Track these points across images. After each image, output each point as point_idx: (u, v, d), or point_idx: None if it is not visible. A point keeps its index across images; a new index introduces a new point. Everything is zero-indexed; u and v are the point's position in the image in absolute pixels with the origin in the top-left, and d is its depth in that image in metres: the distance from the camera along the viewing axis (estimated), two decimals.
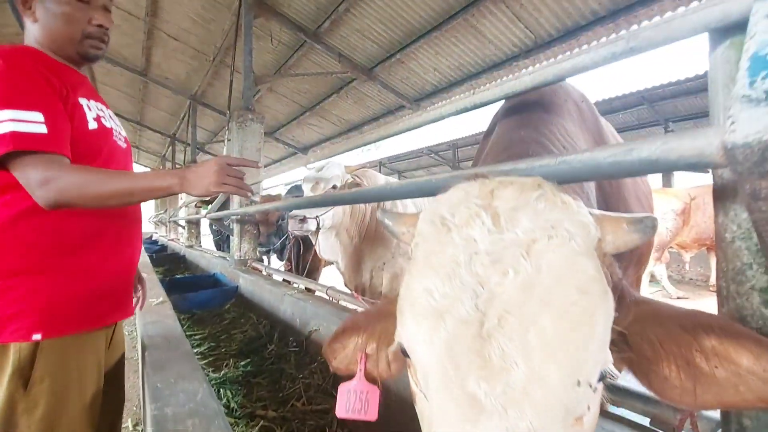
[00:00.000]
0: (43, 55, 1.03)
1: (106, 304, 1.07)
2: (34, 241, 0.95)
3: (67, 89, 1.00)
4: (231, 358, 2.34)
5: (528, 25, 3.87)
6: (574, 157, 0.66)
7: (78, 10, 1.04)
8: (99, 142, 1.06)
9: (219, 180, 0.98)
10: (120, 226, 1.12)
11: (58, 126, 0.93)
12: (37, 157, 0.88)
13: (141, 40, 6.20)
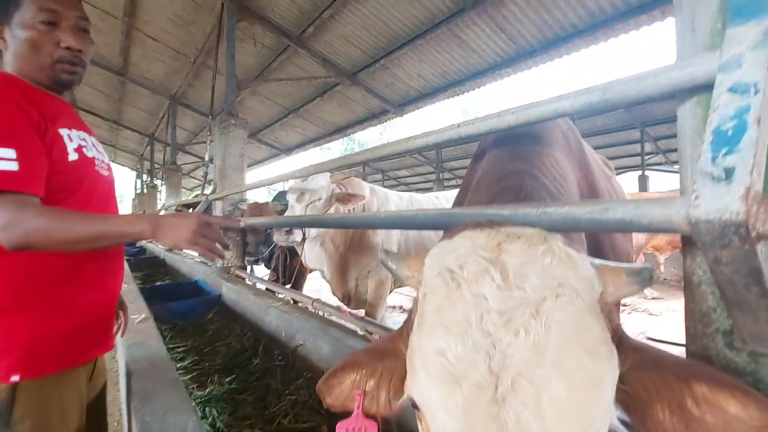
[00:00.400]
0: (19, 82, 1.00)
1: (87, 340, 1.05)
2: (11, 279, 0.92)
3: (45, 120, 0.96)
4: (216, 374, 2.32)
5: (510, 36, 3.94)
6: (554, 210, 0.70)
7: (44, 34, 0.99)
8: (80, 174, 1.03)
9: (192, 238, 0.94)
10: (102, 258, 1.08)
11: (31, 162, 0.89)
12: (3, 197, 0.84)
13: (119, 40, 6.04)
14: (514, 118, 1.03)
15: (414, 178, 17.35)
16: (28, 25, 0.98)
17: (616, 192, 1.49)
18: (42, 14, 0.98)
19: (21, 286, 0.93)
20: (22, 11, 0.98)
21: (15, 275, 0.93)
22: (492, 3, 3.56)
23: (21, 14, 0.98)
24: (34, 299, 0.95)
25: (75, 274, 1.02)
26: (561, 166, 1.17)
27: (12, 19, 0.98)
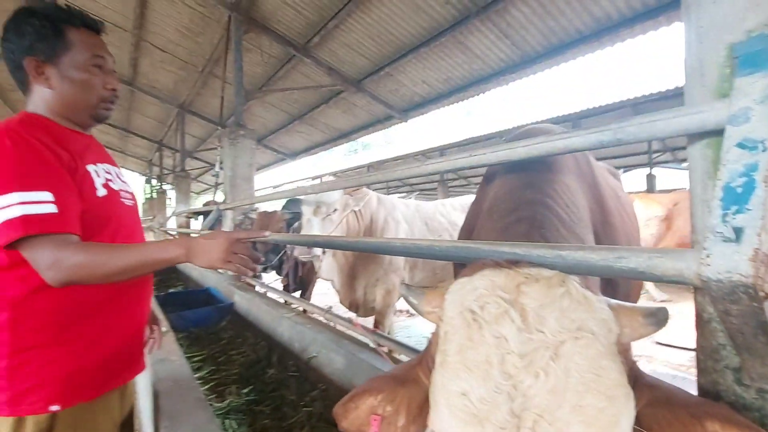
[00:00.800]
0: (50, 123, 1.03)
1: (120, 365, 1.09)
2: (50, 315, 0.96)
3: (74, 158, 1.00)
4: (233, 384, 2.38)
5: (514, 42, 3.96)
6: (569, 254, 0.73)
7: (95, 76, 1.04)
8: (108, 208, 1.07)
9: (225, 258, 0.96)
10: (133, 285, 1.11)
11: (67, 203, 0.92)
12: (46, 239, 0.87)
13: (128, 51, 6.14)
14: (526, 151, 1.06)
15: (417, 179, 17.39)
16: (82, 68, 1.02)
17: (625, 210, 1.52)
18: (95, 59, 1.03)
19: (60, 320, 0.97)
20: (73, 54, 1.01)
21: (55, 310, 0.96)
22: (496, 11, 3.58)
23: (72, 56, 1.01)
24: (72, 331, 0.98)
25: (108, 304, 1.05)
26: (572, 193, 1.20)
27: (60, 60, 1.01)
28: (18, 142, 0.91)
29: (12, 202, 0.85)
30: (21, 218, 0.85)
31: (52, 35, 1.00)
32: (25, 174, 0.88)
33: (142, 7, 4.96)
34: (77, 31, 1.03)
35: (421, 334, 4.92)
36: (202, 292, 4.66)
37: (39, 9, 1.02)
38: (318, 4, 4.14)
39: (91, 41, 1.05)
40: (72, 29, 1.02)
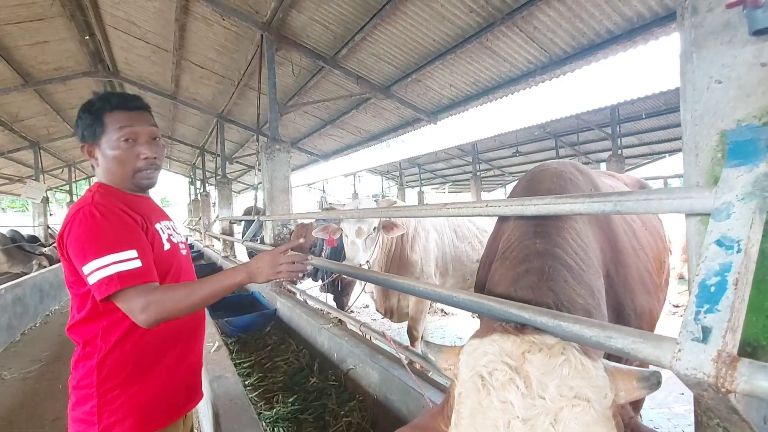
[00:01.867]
0: (118, 191, 1.21)
1: (185, 396, 1.27)
2: (127, 359, 1.13)
3: (145, 220, 1.18)
4: (279, 392, 2.60)
5: (542, 44, 3.91)
6: (567, 325, 0.83)
7: (126, 151, 1.17)
8: (171, 259, 1.25)
9: (275, 270, 1.15)
10: (191, 322, 1.28)
11: (146, 257, 1.10)
12: (137, 289, 1.04)
13: (170, 69, 6.54)
14: (536, 209, 1.16)
15: (451, 170, 17.25)
16: (114, 145, 1.17)
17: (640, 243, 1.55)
18: (124, 134, 1.17)
19: (135, 363, 1.15)
20: (108, 134, 1.17)
21: (131, 355, 1.14)
22: (522, 16, 3.56)
23: (108, 137, 1.17)
24: (145, 372, 1.15)
25: (171, 345, 1.22)
26: (582, 238, 1.27)
27: (101, 141, 1.18)
28: (105, 213, 1.09)
29: (108, 262, 1.03)
30: (117, 275, 1.02)
31: (93, 123, 1.17)
32: (113, 238, 1.07)
33: (182, 30, 5.27)
34: (111, 114, 1.17)
35: (455, 335, 5.03)
36: (248, 296, 4.99)
37: (87, 103, 1.21)
38: (344, 18, 4.26)
39: (123, 118, 1.18)
40: (107, 114, 1.18)
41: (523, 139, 11.58)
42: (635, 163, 12.85)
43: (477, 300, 1.13)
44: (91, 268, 1.03)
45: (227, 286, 1.12)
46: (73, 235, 1.07)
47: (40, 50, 6.00)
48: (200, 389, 1.38)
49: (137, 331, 1.12)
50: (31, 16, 5.13)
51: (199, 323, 1.36)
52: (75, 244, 1.07)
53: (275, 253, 1.17)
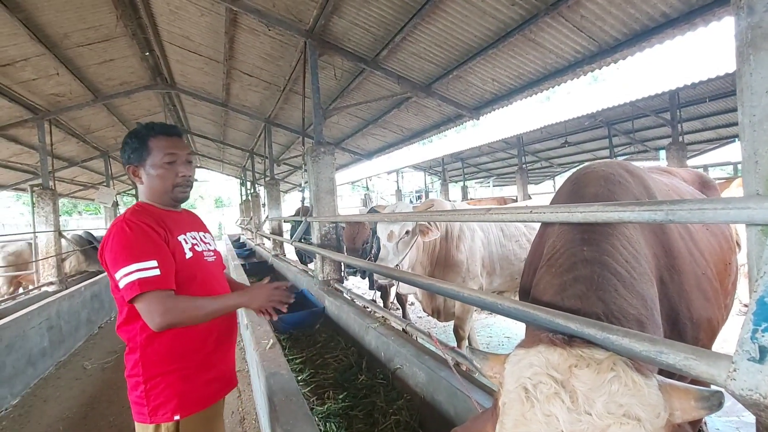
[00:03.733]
0: (152, 208, 1.42)
1: (220, 383, 1.47)
2: (165, 351, 1.33)
3: (167, 233, 1.36)
4: (330, 388, 2.72)
5: (590, 33, 3.74)
6: (616, 338, 0.83)
7: (168, 170, 1.40)
8: (194, 267, 1.42)
9: (267, 300, 1.38)
10: (223, 322, 1.48)
11: (166, 267, 1.28)
12: (155, 294, 1.22)
13: (221, 78, 6.91)
14: (582, 216, 1.14)
15: (495, 164, 16.82)
16: (158, 166, 1.39)
17: (697, 246, 1.47)
18: (166, 157, 1.39)
19: (173, 354, 1.34)
20: (153, 156, 1.39)
21: (169, 348, 1.33)
22: (568, 6, 3.42)
23: (152, 158, 1.39)
24: (183, 361, 1.35)
25: (207, 338, 1.42)
26: (633, 244, 1.22)
27: (146, 162, 1.40)
28: (132, 228, 1.29)
29: (132, 269, 1.21)
30: (138, 281, 1.21)
31: (140, 147, 1.39)
32: (138, 250, 1.25)
33: (231, 41, 5.55)
34: (155, 138, 1.39)
35: (502, 334, 4.96)
36: (298, 293, 5.21)
37: (133, 131, 1.43)
38: (384, 20, 4.30)
39: (166, 144, 1.40)
40: (152, 138, 1.39)
41: (573, 129, 11.06)
42: (699, 149, 11.88)
43: (522, 309, 1.13)
44: (120, 275, 1.22)
45: (231, 305, 1.37)
46: (108, 247, 1.28)
47: (107, 68, 6.56)
48: (234, 378, 1.56)
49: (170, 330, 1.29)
50: (100, 37, 5.62)
51: (231, 325, 1.55)
52: (109, 255, 1.27)
53: (271, 288, 1.41)
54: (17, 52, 5.18)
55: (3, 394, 3.62)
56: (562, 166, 16.32)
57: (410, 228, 3.13)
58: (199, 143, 14.07)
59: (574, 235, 1.30)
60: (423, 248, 3.39)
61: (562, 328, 0.95)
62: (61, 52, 5.54)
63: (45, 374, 4.41)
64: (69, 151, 9.63)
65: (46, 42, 5.14)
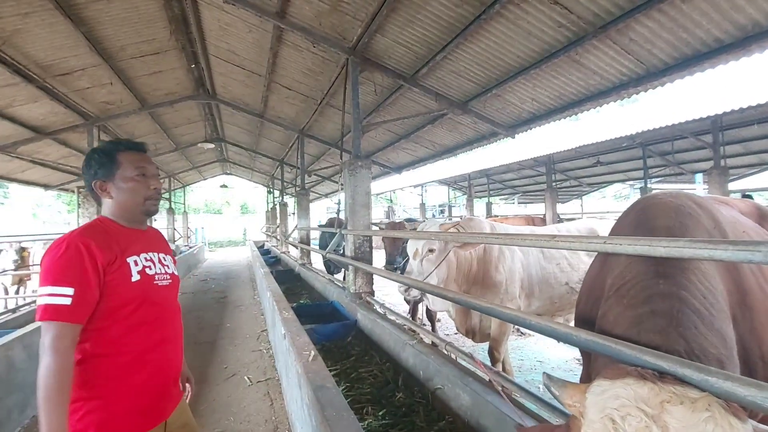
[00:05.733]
0: (110, 225, 1.36)
1: (148, 416, 1.34)
2: (91, 374, 1.23)
3: (116, 254, 1.29)
4: (367, 404, 2.72)
5: (638, 56, 3.70)
6: (716, 381, 0.80)
7: (139, 182, 1.38)
8: (140, 290, 1.33)
9: None
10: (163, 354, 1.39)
11: (81, 298, 1.17)
12: (54, 325, 1.13)
13: (261, 91, 7.15)
14: (666, 251, 1.11)
15: (521, 181, 16.63)
16: (129, 179, 1.36)
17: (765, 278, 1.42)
18: (137, 170, 1.38)
19: (99, 378, 1.24)
20: (123, 170, 1.36)
21: (90, 374, 1.23)
22: (618, 29, 3.40)
23: (122, 172, 1.36)
24: (105, 389, 1.24)
25: (134, 368, 1.30)
26: (709, 279, 1.19)
27: (115, 176, 1.36)
28: (68, 248, 1.21)
29: (46, 292, 1.15)
30: (45, 306, 1.14)
31: (108, 162, 1.36)
32: (60, 273, 1.17)
33: (275, 56, 5.75)
34: (123, 153, 1.38)
35: (534, 357, 4.85)
36: (328, 305, 5.25)
37: (98, 147, 1.41)
38: (427, 39, 4.38)
39: (135, 158, 1.39)
40: (120, 153, 1.38)
41: (605, 149, 10.86)
42: (738, 174, 11.44)
43: (602, 342, 1.12)
44: (39, 293, 1.17)
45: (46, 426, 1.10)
46: (43, 260, 1.22)
47: (155, 79, 6.89)
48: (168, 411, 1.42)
49: (96, 352, 1.23)
50: (152, 50, 5.93)
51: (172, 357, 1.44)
52: (41, 269, 1.21)
53: None
54: (77, 63, 5.51)
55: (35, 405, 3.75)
56: (591, 186, 15.99)
57: (434, 247, 3.15)
58: (231, 151, 14.51)
59: (647, 267, 1.27)
60: (458, 268, 3.38)
61: (650, 365, 0.94)
62: (116, 63, 5.86)
63: None
64: None
65: (103, 54, 5.45)
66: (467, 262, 3.46)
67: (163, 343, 1.39)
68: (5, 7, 4.03)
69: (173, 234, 16.14)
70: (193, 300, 8.28)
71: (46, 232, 18.32)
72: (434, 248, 3.24)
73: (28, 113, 6.38)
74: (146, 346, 1.33)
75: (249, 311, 7.32)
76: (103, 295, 1.24)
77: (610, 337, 1.11)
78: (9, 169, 8.57)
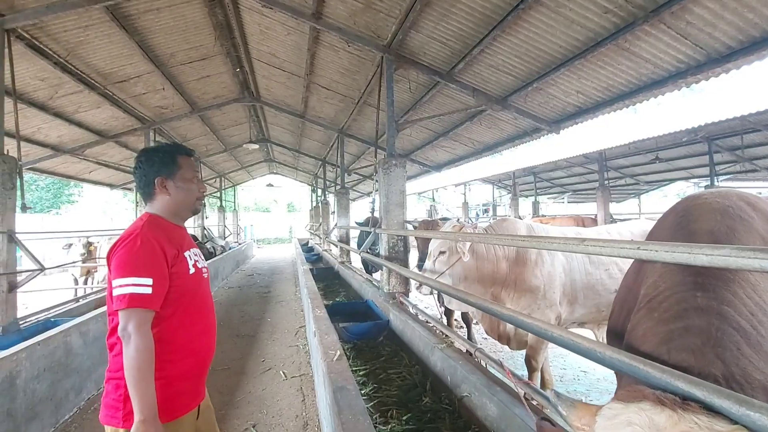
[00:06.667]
0: (164, 222, 1.51)
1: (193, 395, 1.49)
2: None
3: (178, 249, 1.47)
4: (393, 405, 2.68)
5: (697, 41, 3.35)
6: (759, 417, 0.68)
7: (195, 184, 1.57)
8: (195, 281, 1.52)
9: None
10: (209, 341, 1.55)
11: (158, 288, 1.34)
12: (138, 312, 1.29)
13: (301, 92, 7.31)
14: (708, 260, 0.96)
15: (571, 179, 15.79)
16: (187, 180, 1.55)
17: None
18: (193, 173, 1.58)
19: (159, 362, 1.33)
20: (183, 171, 1.54)
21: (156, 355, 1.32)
22: (672, 12, 3.10)
23: (183, 173, 1.54)
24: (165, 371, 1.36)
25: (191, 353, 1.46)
26: (759, 293, 1.02)
27: (175, 176, 1.53)
28: (143, 242, 1.36)
29: (128, 282, 1.29)
30: (129, 295, 1.28)
31: (170, 162, 1.52)
32: (140, 265, 1.33)
33: (312, 57, 5.85)
34: (182, 157, 1.56)
35: (577, 367, 4.58)
36: (362, 304, 5.26)
37: (160, 146, 1.57)
38: (462, 34, 4.24)
39: (190, 162, 1.58)
40: (179, 156, 1.55)
41: (665, 144, 10.03)
42: None
43: (628, 362, 1.00)
44: (117, 284, 1.30)
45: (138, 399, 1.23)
46: (118, 254, 1.35)
47: (203, 83, 7.25)
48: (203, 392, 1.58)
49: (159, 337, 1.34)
50: (199, 56, 6.24)
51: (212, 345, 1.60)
52: (116, 261, 1.34)
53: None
54: (132, 70, 5.91)
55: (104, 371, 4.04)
56: (649, 184, 14.86)
57: (445, 249, 3.14)
58: (276, 151, 15.00)
59: (684, 277, 1.13)
60: (477, 268, 3.24)
61: (681, 392, 0.82)
62: (167, 69, 6.22)
63: None
64: None
65: (156, 61, 5.80)
66: (491, 262, 3.30)
67: (206, 331, 1.55)
68: (69, 21, 4.40)
69: (224, 231, 16.96)
70: (239, 294, 8.64)
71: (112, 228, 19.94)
72: (445, 250, 3.25)
73: (92, 118, 6.93)
74: (194, 334, 1.48)
75: (290, 306, 7.52)
76: (169, 286, 1.40)
77: (634, 355, 0.99)
78: (78, 170, 9.39)
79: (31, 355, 2.96)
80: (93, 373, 3.75)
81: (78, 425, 3.26)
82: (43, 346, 3.11)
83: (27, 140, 6.71)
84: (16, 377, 2.75)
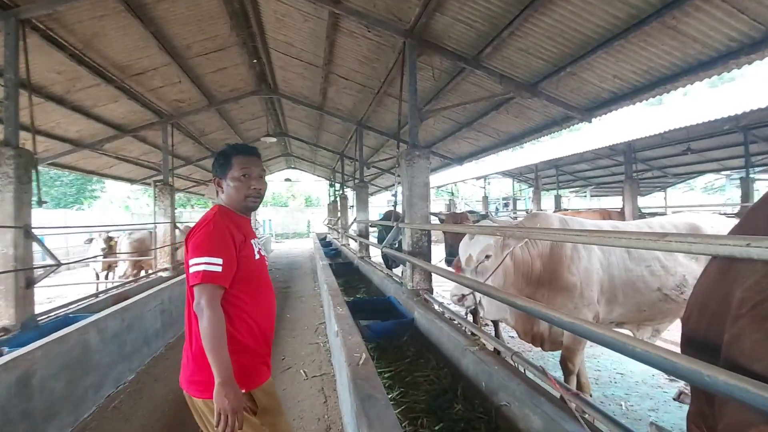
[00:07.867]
0: (231, 212, 1.66)
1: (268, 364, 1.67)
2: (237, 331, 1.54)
3: (245, 236, 1.62)
4: (421, 412, 2.50)
5: (755, 15, 3.03)
6: None
7: (242, 182, 1.64)
8: (259, 267, 1.69)
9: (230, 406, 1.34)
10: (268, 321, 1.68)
11: (228, 267, 1.49)
12: (210, 287, 1.44)
13: (319, 83, 7.13)
14: None
15: (595, 172, 15.25)
16: (236, 178, 1.64)
17: None
18: (242, 172, 1.64)
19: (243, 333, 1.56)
20: (232, 170, 1.64)
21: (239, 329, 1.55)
22: None
23: (232, 172, 1.65)
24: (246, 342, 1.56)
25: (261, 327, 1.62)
26: None
27: (227, 175, 1.65)
28: (216, 226, 1.54)
29: (202, 261, 1.45)
30: (202, 272, 1.44)
31: (225, 162, 1.66)
32: (213, 246, 1.49)
33: (331, 46, 5.65)
34: (236, 156, 1.65)
35: (613, 369, 4.32)
36: (384, 300, 5.09)
37: (227, 147, 1.69)
38: (491, 14, 3.98)
39: (244, 161, 1.65)
40: (234, 156, 1.65)
41: (697, 134, 9.50)
42: None
43: (738, 384, 0.79)
44: (193, 262, 1.47)
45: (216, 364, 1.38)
46: (196, 236, 1.52)
47: (220, 75, 7.14)
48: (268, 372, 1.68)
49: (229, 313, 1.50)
50: (215, 47, 6.11)
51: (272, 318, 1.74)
52: (194, 242, 1.51)
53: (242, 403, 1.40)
54: (149, 63, 5.83)
55: (123, 369, 3.98)
56: (677, 177, 14.25)
57: (491, 252, 2.81)
58: (294, 145, 14.92)
59: None
60: (515, 271, 3.02)
61: None
62: (184, 62, 6.12)
63: (157, 353, 4.84)
64: (186, 151, 10.75)
65: (172, 53, 5.69)
66: (525, 263, 3.08)
67: (270, 314, 1.71)
68: (83, 11, 4.31)
69: None
70: None
71: (133, 222, 20.27)
72: (491, 254, 2.94)
73: (110, 112, 6.91)
74: (259, 314, 1.61)
75: (309, 302, 7.42)
76: (238, 268, 1.54)
77: (742, 377, 0.78)
78: (98, 165, 9.44)
79: (48, 353, 2.88)
80: (112, 371, 3.69)
81: (98, 423, 3.19)
82: (60, 343, 3.04)
83: (47, 135, 6.73)
84: (32, 376, 2.68)
